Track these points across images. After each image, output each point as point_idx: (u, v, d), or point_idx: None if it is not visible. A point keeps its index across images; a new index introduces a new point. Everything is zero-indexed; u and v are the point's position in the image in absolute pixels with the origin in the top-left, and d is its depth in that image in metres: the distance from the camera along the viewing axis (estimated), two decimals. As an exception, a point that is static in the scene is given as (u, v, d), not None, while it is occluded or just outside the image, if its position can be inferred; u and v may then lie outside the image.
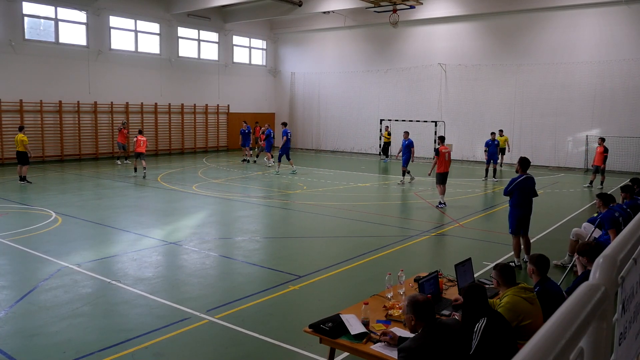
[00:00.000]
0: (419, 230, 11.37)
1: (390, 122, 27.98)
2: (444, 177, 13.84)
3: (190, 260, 8.96)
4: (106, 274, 8.02)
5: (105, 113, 25.15)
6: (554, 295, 4.80)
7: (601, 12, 22.83)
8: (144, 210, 13.32)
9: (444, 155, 13.84)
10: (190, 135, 29.11)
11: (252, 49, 32.94)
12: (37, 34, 23.16)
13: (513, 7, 24.22)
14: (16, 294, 7.14)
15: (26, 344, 5.66)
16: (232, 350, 5.64)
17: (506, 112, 25.49)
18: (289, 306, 7.00)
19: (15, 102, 22.00)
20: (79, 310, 6.57)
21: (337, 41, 31.18)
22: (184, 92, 28.51)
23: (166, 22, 27.44)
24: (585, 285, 1.22)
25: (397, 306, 4.83)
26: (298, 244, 10.32)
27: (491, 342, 3.85)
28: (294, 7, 27.64)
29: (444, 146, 14.06)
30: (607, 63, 22.76)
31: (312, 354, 5.38)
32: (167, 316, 6.43)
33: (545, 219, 12.41)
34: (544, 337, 0.98)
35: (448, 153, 14.04)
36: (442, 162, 13.81)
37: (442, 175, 13.82)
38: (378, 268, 8.46)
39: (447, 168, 13.97)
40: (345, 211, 13.52)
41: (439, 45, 27.28)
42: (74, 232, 10.72)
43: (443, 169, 13.83)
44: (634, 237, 1.53)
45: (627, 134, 22.46)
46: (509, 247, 9.16)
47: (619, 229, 7.33)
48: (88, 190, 16.08)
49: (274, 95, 34.30)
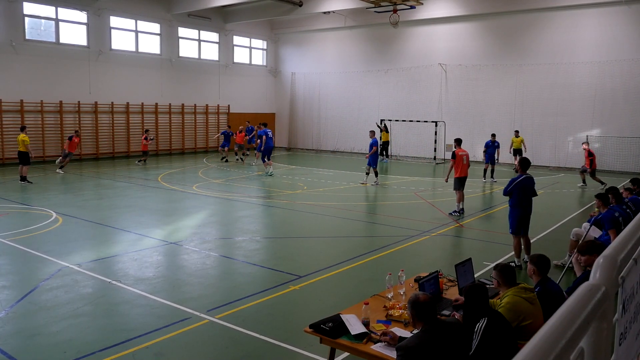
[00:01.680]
0: (419, 230, 11.37)
1: (390, 122, 27.97)
2: (462, 182, 13.01)
3: (191, 260, 8.97)
4: (107, 274, 8.03)
5: (106, 113, 25.17)
6: (555, 295, 4.81)
7: (602, 12, 22.83)
8: (145, 210, 13.32)
9: (461, 158, 12.96)
10: (190, 136, 29.12)
11: (252, 49, 32.94)
12: (37, 34, 23.17)
13: (513, 7, 24.22)
14: (17, 293, 7.14)
15: (27, 343, 5.66)
16: (233, 350, 5.65)
17: (506, 113, 25.50)
18: (290, 306, 7.00)
19: (16, 102, 22.01)
20: (79, 310, 6.58)
21: (337, 41, 31.19)
22: (185, 92, 28.52)
23: (167, 22, 27.45)
24: (586, 285, 1.22)
25: (397, 306, 4.83)
26: (298, 244, 10.33)
27: (491, 342, 3.85)
28: (295, 7, 27.64)
29: (461, 149, 13.20)
30: (608, 63, 22.76)
31: (312, 354, 5.38)
32: (167, 316, 6.44)
33: (546, 219, 12.41)
34: (544, 337, 0.98)
35: (466, 156, 13.11)
36: (460, 166, 12.95)
37: (461, 180, 12.98)
38: (378, 268, 8.47)
39: (466, 172, 13.10)
40: (345, 211, 13.52)
41: (440, 45, 27.28)
42: (74, 232, 10.72)
43: (461, 174, 12.97)
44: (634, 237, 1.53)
45: (628, 134, 22.45)
46: (509, 247, 9.16)
47: (619, 229, 7.33)
48: (89, 190, 16.09)
49: (275, 96, 34.31)
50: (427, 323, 3.73)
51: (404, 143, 28.53)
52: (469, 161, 13.31)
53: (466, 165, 13.05)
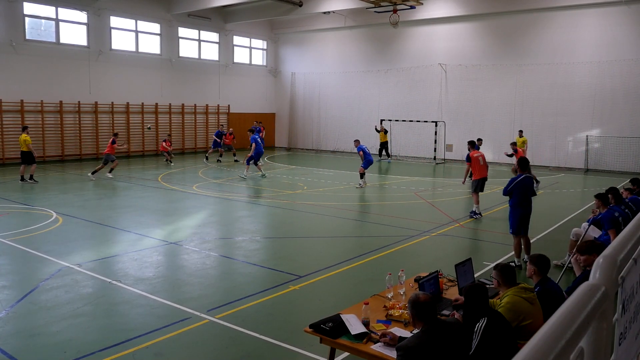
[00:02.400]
0: (419, 230, 11.38)
1: (390, 122, 27.95)
2: (481, 184, 12.72)
3: (191, 260, 8.97)
4: (107, 274, 8.03)
5: (106, 113, 25.17)
6: (555, 295, 4.81)
7: (601, 12, 22.83)
8: (145, 210, 13.32)
9: (477, 160, 12.73)
10: (190, 135, 29.13)
11: (252, 49, 32.94)
12: (37, 34, 23.17)
13: (513, 7, 24.23)
14: (17, 293, 7.14)
15: (27, 343, 5.66)
16: (233, 350, 5.65)
17: (506, 113, 25.50)
18: (290, 306, 7.00)
19: (16, 102, 22.01)
20: (79, 310, 6.58)
21: (337, 41, 31.19)
22: (185, 92, 28.52)
23: (167, 22, 27.45)
24: (586, 285, 1.23)
25: (397, 306, 4.84)
26: (298, 244, 10.33)
27: (491, 342, 3.86)
28: (295, 7, 27.64)
29: (475, 150, 12.99)
30: (607, 63, 22.76)
31: (312, 354, 5.38)
32: (167, 316, 6.44)
33: (546, 219, 12.41)
34: (544, 337, 0.98)
35: (482, 157, 12.85)
36: (477, 168, 12.72)
37: (479, 181, 12.70)
38: (378, 268, 8.47)
39: (485, 173, 12.81)
40: (345, 211, 13.52)
41: (439, 45, 27.29)
42: (74, 232, 10.72)
43: (479, 175, 12.72)
44: (634, 237, 1.54)
45: (627, 134, 22.46)
46: (509, 247, 9.16)
47: (618, 229, 7.33)
48: (89, 191, 16.09)
49: (275, 96, 34.30)
50: (427, 323, 3.73)
51: (404, 143, 28.52)
52: (487, 162, 13.10)
53: (484, 167, 12.85)
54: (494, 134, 25.36)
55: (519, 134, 22.24)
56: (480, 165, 12.79)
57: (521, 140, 22.25)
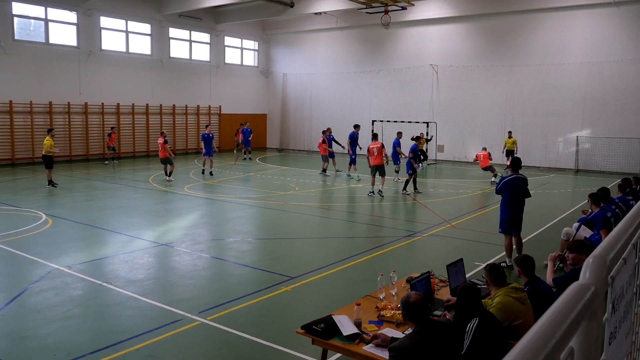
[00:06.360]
0: (411, 231, 11.40)
1: (382, 123, 27.98)
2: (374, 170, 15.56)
3: (182, 262, 8.93)
4: (97, 275, 7.97)
5: (96, 114, 25.01)
6: (544, 295, 4.84)
7: (591, 13, 23.01)
8: (136, 212, 13.25)
9: (372, 150, 15.50)
10: (182, 137, 29.02)
11: (243, 50, 32.88)
12: (27, 34, 23.00)
13: (504, 8, 24.36)
14: (6, 296, 7.07)
15: (16, 346, 5.61)
16: (225, 351, 5.63)
17: (497, 113, 25.62)
18: (282, 307, 6.99)
19: (4, 102, 21.83)
20: (70, 312, 6.53)
21: (329, 42, 31.20)
22: (176, 93, 28.41)
23: (157, 22, 27.33)
24: (576, 285, 1.23)
25: (389, 307, 4.84)
26: (290, 245, 10.32)
27: (483, 342, 3.87)
28: (286, 8, 27.62)
29: (374, 142, 15.73)
30: (598, 64, 22.94)
31: (304, 355, 5.37)
32: (159, 318, 6.40)
33: (537, 219, 12.47)
34: (534, 337, 0.98)
35: (377, 148, 15.52)
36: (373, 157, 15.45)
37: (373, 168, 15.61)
38: (370, 269, 8.47)
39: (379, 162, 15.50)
40: (336, 212, 13.53)
41: (431, 46, 27.38)
42: (64, 234, 10.64)
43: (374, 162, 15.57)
44: (624, 236, 1.54)
45: (617, 134, 22.64)
46: (501, 247, 9.20)
47: (610, 229, 7.38)
48: (79, 192, 15.98)
49: (266, 96, 34.26)
50: (420, 323, 3.74)
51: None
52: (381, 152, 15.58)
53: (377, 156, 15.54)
54: (485, 135, 25.45)
55: (509, 135, 22.36)
56: (375, 155, 15.50)
57: (511, 141, 22.36)
